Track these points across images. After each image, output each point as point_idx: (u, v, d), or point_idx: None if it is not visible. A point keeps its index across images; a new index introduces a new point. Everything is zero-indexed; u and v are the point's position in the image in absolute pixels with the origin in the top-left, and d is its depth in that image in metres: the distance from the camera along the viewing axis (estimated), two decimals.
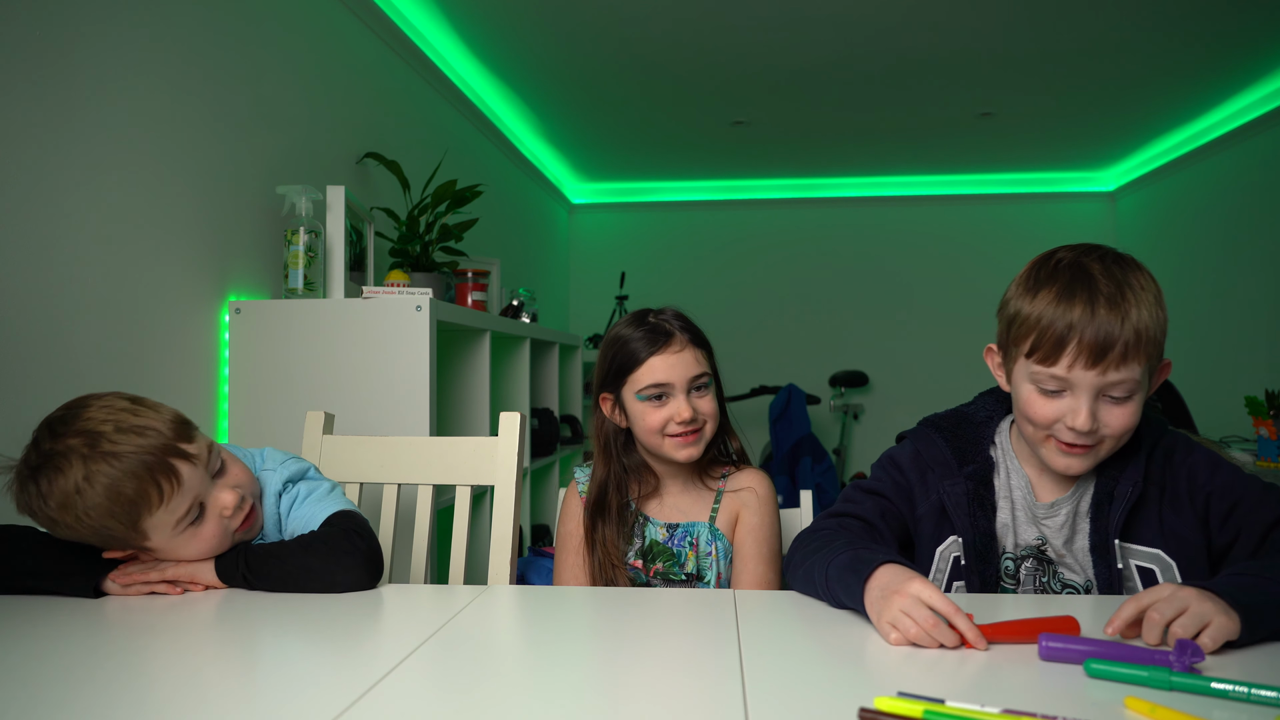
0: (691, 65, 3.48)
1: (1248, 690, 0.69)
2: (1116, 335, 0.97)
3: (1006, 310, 1.08)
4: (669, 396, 1.32)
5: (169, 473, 1.05)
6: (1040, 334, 1.00)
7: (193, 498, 1.08)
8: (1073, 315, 0.98)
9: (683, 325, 1.35)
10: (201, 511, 1.09)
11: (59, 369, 1.53)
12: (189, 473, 1.07)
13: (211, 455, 1.11)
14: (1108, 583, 1.06)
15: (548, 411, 3.20)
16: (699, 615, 0.98)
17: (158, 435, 1.06)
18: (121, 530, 1.05)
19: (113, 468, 1.02)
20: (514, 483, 1.43)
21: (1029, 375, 1.03)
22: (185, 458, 1.07)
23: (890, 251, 5.54)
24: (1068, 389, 1.00)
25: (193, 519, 1.08)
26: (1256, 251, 3.97)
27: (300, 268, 1.96)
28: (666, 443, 1.33)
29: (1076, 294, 0.99)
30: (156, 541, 1.07)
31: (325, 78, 2.48)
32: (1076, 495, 1.10)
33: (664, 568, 1.35)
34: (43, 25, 1.49)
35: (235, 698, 0.74)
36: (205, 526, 1.10)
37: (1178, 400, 3.19)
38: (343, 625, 0.95)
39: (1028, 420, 1.05)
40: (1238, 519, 1.03)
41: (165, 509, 1.05)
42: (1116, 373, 0.98)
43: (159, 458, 1.05)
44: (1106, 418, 1.00)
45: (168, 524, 1.06)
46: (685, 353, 1.33)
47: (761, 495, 1.37)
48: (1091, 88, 3.75)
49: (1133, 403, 1.01)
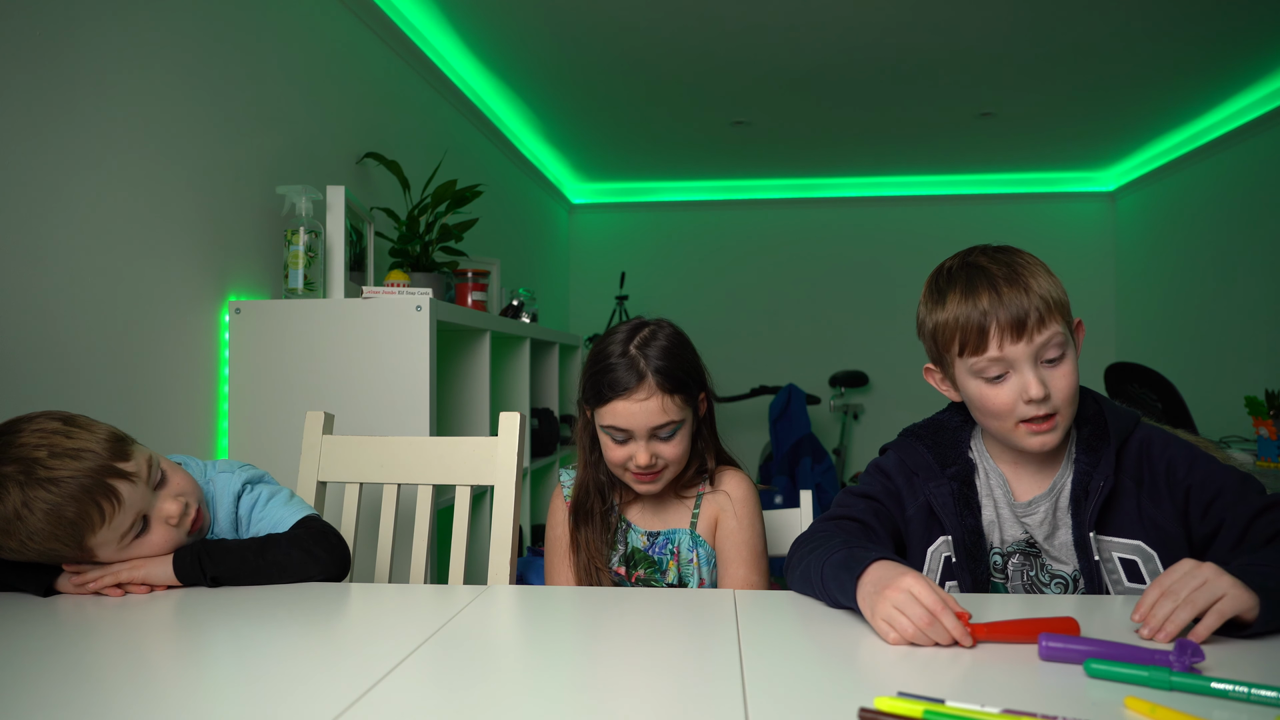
0: (692, 65, 3.48)
1: (1248, 690, 0.69)
2: (1026, 305, 1.05)
3: (925, 329, 1.15)
4: (630, 439, 1.29)
5: (108, 493, 1.06)
6: (963, 332, 1.08)
7: (135, 513, 1.09)
8: (983, 304, 1.06)
9: (660, 367, 1.26)
10: (146, 524, 1.12)
11: (59, 369, 1.53)
12: (128, 491, 1.08)
13: (151, 469, 1.12)
14: (1090, 575, 1.08)
15: (548, 411, 3.20)
16: (699, 615, 0.98)
17: (94, 457, 1.06)
18: (68, 550, 1.07)
19: (50, 494, 1.03)
20: (514, 483, 1.43)
21: (971, 371, 1.09)
22: (123, 476, 1.08)
23: (891, 251, 5.54)
24: (1009, 369, 1.06)
25: (137, 532, 1.11)
26: (1256, 251, 3.97)
27: (300, 268, 1.96)
28: (626, 476, 1.32)
29: (978, 286, 1.08)
30: (104, 555, 1.09)
31: (325, 78, 2.48)
32: (1054, 493, 1.12)
33: (645, 574, 1.35)
34: (42, 24, 1.50)
35: (235, 697, 0.74)
36: (152, 536, 1.12)
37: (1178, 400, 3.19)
38: (343, 625, 0.95)
39: (990, 415, 1.09)
40: (1219, 511, 1.06)
41: (108, 528, 1.07)
42: (1040, 335, 1.05)
43: (96, 479, 1.05)
44: (1052, 383, 1.06)
45: (112, 540, 1.08)
46: (651, 401, 1.25)
47: (737, 498, 1.35)
48: (1091, 88, 3.75)
49: (1067, 363, 1.07)
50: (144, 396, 1.74)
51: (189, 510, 1.15)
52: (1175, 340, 4.71)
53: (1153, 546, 1.08)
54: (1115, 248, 5.46)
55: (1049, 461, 1.14)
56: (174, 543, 1.14)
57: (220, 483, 1.26)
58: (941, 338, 1.11)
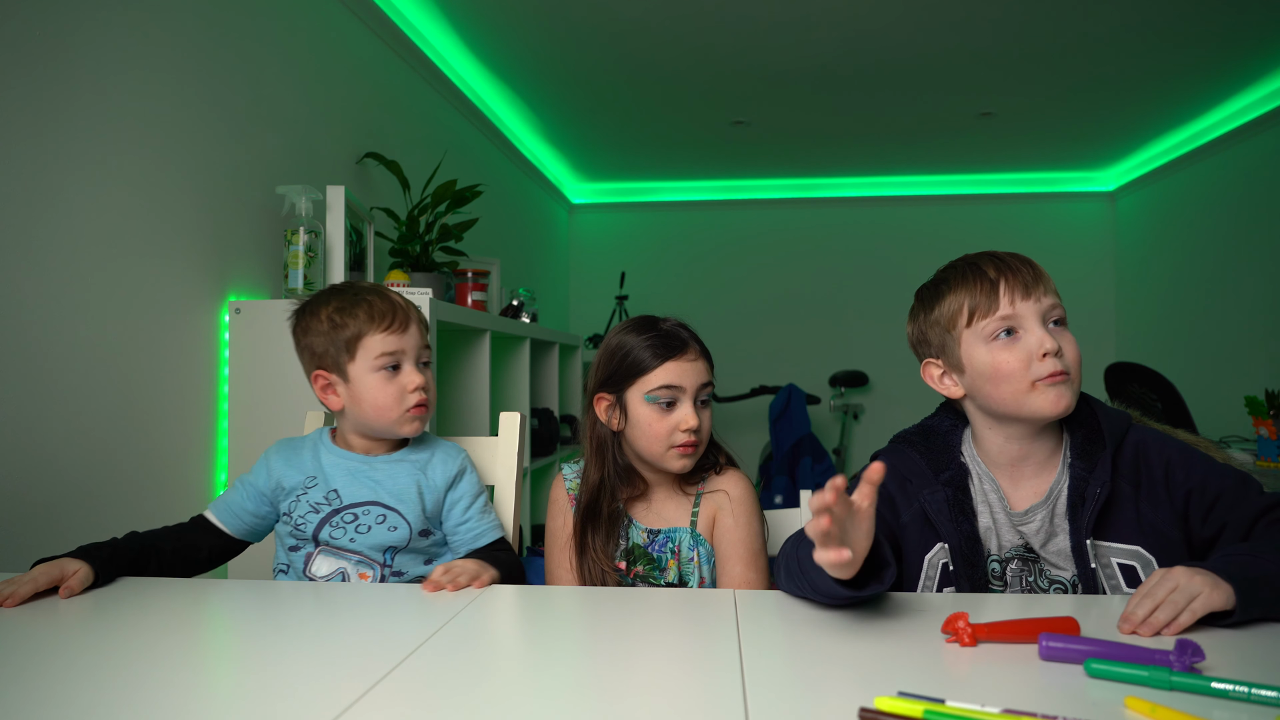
0: (692, 65, 3.48)
1: (1248, 690, 0.69)
2: (1032, 269, 1.09)
3: (925, 322, 1.17)
4: (678, 403, 1.32)
5: (398, 308, 1.30)
6: (971, 300, 1.09)
7: (400, 346, 1.28)
8: (990, 273, 1.09)
9: (692, 336, 1.37)
10: (398, 370, 1.28)
11: (59, 368, 1.53)
12: (413, 331, 1.30)
13: (426, 352, 1.34)
14: (1088, 581, 1.07)
15: (548, 411, 3.21)
16: (699, 615, 0.98)
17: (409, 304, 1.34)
18: (343, 338, 1.28)
19: (355, 292, 1.31)
20: (514, 483, 1.43)
21: (981, 337, 1.09)
22: (419, 323, 1.32)
23: (890, 251, 5.54)
24: (1019, 328, 1.07)
25: (391, 365, 1.28)
26: (1256, 251, 3.97)
27: (300, 268, 1.96)
28: (668, 453, 1.32)
29: (981, 261, 1.11)
30: (355, 370, 1.27)
31: (325, 78, 2.48)
32: (1050, 500, 1.11)
33: (644, 571, 1.35)
34: (41, 24, 1.49)
35: (235, 697, 0.74)
36: (397, 379, 1.28)
37: (1178, 400, 3.19)
38: (343, 625, 0.95)
39: (1003, 379, 1.08)
40: (1220, 513, 1.05)
41: (382, 335, 1.27)
42: (1048, 297, 1.08)
43: (398, 301, 1.32)
44: (1062, 342, 1.07)
45: (374, 350, 1.27)
46: (699, 363, 1.34)
47: (735, 496, 1.36)
48: (1091, 88, 3.75)
49: (1070, 333, 1.09)
50: (144, 396, 1.74)
51: (423, 396, 1.30)
52: (1175, 340, 4.71)
53: (1151, 551, 1.06)
54: (1115, 248, 5.47)
55: (1044, 468, 1.13)
56: (396, 405, 1.28)
57: (443, 459, 1.35)
58: (947, 318, 1.12)
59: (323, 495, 1.28)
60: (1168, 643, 0.79)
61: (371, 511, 1.27)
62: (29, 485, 1.47)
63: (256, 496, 1.32)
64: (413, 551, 1.29)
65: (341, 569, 1.26)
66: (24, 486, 1.46)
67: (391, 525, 1.27)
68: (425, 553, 1.30)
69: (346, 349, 1.27)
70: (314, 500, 1.28)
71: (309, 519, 1.27)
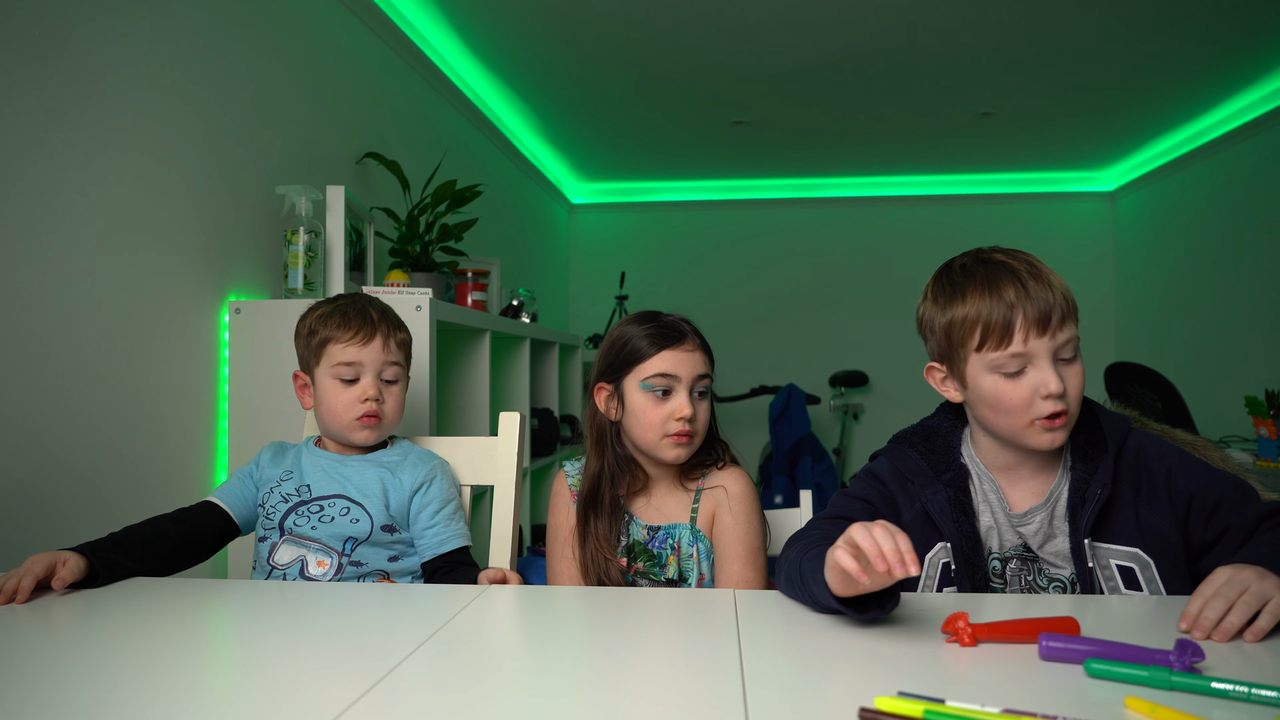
0: (691, 65, 3.48)
1: (1248, 690, 0.69)
2: (1052, 301, 1.04)
3: (935, 325, 1.13)
4: (673, 392, 1.33)
5: (368, 322, 1.36)
6: (986, 325, 1.06)
7: (358, 358, 1.34)
8: (1009, 297, 1.05)
9: (693, 329, 1.39)
10: (356, 381, 1.34)
11: (59, 367, 1.53)
12: (377, 345, 1.35)
13: (398, 370, 1.39)
14: (1086, 581, 1.08)
15: (548, 411, 3.21)
16: (699, 615, 0.98)
17: (388, 310, 1.42)
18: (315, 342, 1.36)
19: (345, 302, 1.39)
20: (514, 483, 1.43)
21: (988, 366, 1.07)
22: (394, 339, 1.38)
23: (890, 251, 5.54)
24: (1028, 364, 1.05)
25: (349, 375, 1.34)
26: (1256, 251, 3.97)
27: (300, 268, 1.96)
28: (662, 442, 1.33)
29: (1002, 279, 1.06)
30: (319, 374, 1.35)
31: (325, 78, 2.48)
32: (1050, 502, 1.11)
33: (644, 567, 1.35)
34: (42, 23, 1.49)
35: (235, 697, 0.74)
36: (353, 388, 1.34)
37: (1178, 400, 3.19)
38: (343, 625, 0.95)
39: (1003, 412, 1.07)
40: (1222, 519, 1.06)
41: (343, 345, 1.34)
42: (1062, 333, 1.05)
43: (374, 316, 1.37)
44: (1067, 380, 1.05)
45: (335, 358, 1.34)
46: (696, 354, 1.36)
47: (734, 493, 1.36)
48: (1091, 88, 3.75)
49: (1079, 362, 1.07)
50: (144, 396, 1.74)
51: (372, 405, 1.35)
52: (1175, 340, 4.71)
53: (1150, 554, 1.07)
54: (1115, 248, 5.46)
55: (1043, 469, 1.13)
56: (347, 411, 1.35)
57: (412, 464, 1.38)
58: (958, 333, 1.08)
59: (294, 488, 1.35)
60: (1168, 642, 0.79)
61: (337, 504, 1.32)
62: (29, 483, 1.47)
63: (251, 485, 1.39)
64: (375, 545, 1.32)
65: (301, 557, 1.30)
66: (24, 484, 1.46)
67: (354, 518, 1.31)
68: (390, 549, 1.34)
69: (314, 354, 1.37)
70: (285, 492, 1.34)
71: (279, 508, 1.33)
